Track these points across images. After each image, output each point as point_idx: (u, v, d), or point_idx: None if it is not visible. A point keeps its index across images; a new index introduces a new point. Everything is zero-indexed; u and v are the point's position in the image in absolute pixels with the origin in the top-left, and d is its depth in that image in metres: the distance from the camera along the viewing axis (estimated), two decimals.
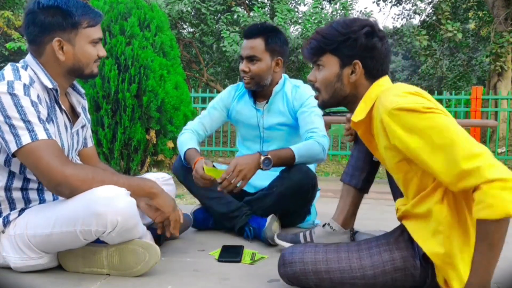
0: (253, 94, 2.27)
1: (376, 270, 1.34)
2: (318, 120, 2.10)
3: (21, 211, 1.59)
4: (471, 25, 13.58)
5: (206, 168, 1.92)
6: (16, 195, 1.59)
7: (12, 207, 1.59)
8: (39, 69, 1.57)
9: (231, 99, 2.33)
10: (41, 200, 1.63)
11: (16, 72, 1.52)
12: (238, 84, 2.36)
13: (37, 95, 1.51)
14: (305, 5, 12.29)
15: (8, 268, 1.59)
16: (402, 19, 18.79)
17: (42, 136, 1.46)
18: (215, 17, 10.26)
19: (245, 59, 2.15)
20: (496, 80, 8.47)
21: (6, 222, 1.57)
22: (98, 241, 1.56)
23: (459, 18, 12.12)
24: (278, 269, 1.46)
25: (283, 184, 2.01)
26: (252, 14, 8.92)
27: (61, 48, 1.56)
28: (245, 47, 2.15)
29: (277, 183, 2.04)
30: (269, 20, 8.32)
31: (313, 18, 8.39)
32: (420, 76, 16.03)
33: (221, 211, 2.12)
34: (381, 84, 1.38)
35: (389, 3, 14.12)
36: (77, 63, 1.59)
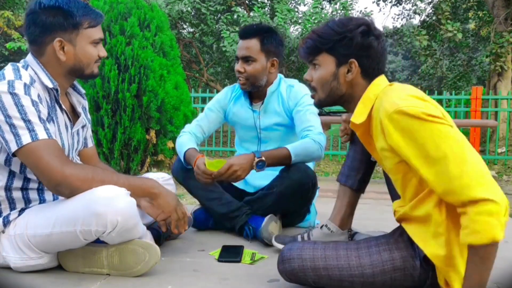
0: (249, 95, 2.26)
1: (375, 269, 1.35)
2: (314, 118, 2.10)
3: (21, 211, 1.59)
4: (471, 25, 13.57)
5: (208, 162, 1.90)
6: (16, 195, 1.59)
7: (12, 207, 1.59)
8: (40, 69, 1.57)
9: (227, 101, 2.33)
10: (41, 200, 1.63)
11: (16, 71, 1.53)
12: (234, 85, 2.35)
13: (37, 95, 1.51)
14: (305, 5, 12.29)
15: (8, 268, 1.59)
16: (402, 19, 18.76)
17: (42, 135, 1.46)
18: (215, 17, 10.26)
19: (240, 59, 2.14)
20: (496, 80, 8.47)
21: (6, 222, 1.57)
22: (98, 241, 1.56)
23: (459, 18, 12.12)
24: (277, 266, 1.46)
25: (283, 183, 2.01)
26: (252, 14, 8.91)
27: (62, 48, 1.56)
28: (240, 47, 2.15)
29: (277, 182, 2.04)
30: (269, 20, 8.32)
31: (313, 18, 8.39)
32: (420, 76, 16.02)
33: (221, 212, 2.12)
34: (378, 84, 1.38)
35: (389, 3, 14.12)
36: (78, 63, 1.60)
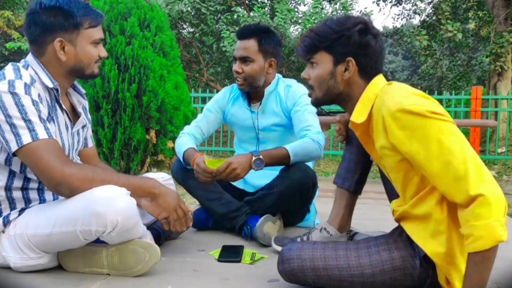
0: (247, 96, 2.26)
1: (374, 269, 1.35)
2: (312, 117, 2.09)
3: (21, 211, 1.59)
4: (471, 25, 13.56)
5: (207, 160, 1.90)
6: (16, 194, 1.59)
7: (12, 207, 1.59)
8: (40, 69, 1.58)
9: (226, 101, 2.32)
10: (41, 200, 1.63)
11: (17, 71, 1.53)
12: (233, 86, 2.35)
13: (38, 94, 1.51)
14: (305, 5, 12.26)
15: (8, 268, 1.59)
16: (402, 19, 18.77)
17: (42, 135, 1.46)
18: (215, 17, 10.25)
19: (238, 60, 2.14)
20: (496, 80, 8.47)
21: (6, 222, 1.57)
22: (98, 241, 1.56)
23: (459, 18, 12.11)
24: (277, 266, 1.46)
25: (283, 183, 2.01)
26: (252, 14, 8.90)
27: (63, 49, 1.56)
28: (238, 48, 2.14)
29: (277, 182, 2.04)
30: (269, 20, 8.31)
31: (313, 18, 8.37)
32: (420, 76, 16.01)
33: (221, 212, 2.12)
34: (377, 83, 1.37)
35: (389, 3, 14.11)
36: (78, 63, 1.60)
